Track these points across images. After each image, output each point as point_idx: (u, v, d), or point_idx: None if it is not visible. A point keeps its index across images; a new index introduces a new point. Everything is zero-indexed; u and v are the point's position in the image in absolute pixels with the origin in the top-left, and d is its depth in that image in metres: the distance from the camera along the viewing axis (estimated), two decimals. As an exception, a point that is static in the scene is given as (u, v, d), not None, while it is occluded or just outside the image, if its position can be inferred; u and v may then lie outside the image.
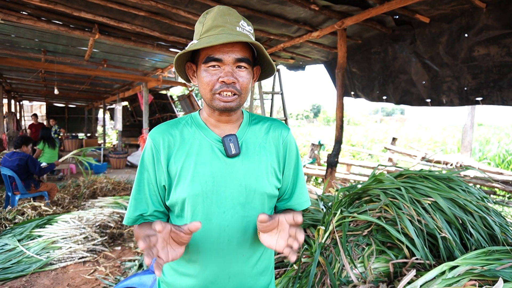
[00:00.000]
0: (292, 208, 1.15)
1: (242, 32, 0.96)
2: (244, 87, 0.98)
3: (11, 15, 4.14)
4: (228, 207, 1.01)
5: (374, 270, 1.45)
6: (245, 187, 1.01)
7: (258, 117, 1.15)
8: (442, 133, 17.58)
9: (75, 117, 18.78)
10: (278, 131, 1.11)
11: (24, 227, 4.03)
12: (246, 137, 1.07)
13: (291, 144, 1.12)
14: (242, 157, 1.03)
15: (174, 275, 1.09)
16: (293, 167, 1.13)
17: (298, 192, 1.14)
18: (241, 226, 1.02)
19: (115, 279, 3.22)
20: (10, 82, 10.55)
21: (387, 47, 4.29)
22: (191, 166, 1.01)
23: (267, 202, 1.06)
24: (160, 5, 3.64)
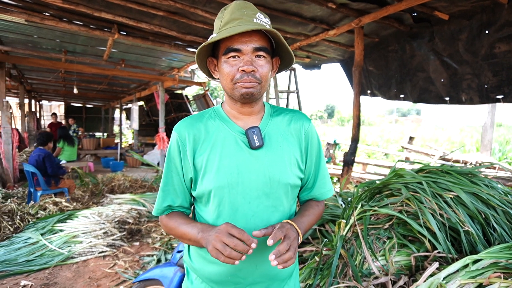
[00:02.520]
0: (315, 197, 1.19)
1: (259, 23, 0.98)
2: (264, 75, 1.00)
3: (34, 16, 4.26)
4: (253, 197, 1.04)
5: (396, 263, 1.45)
6: (269, 177, 1.04)
7: (279, 109, 1.17)
8: (459, 134, 17.26)
9: (92, 117, 19.15)
10: (300, 122, 1.13)
11: (46, 221, 4.15)
12: (268, 129, 1.09)
13: (313, 135, 1.15)
14: (265, 148, 1.06)
15: (202, 262, 1.12)
16: (315, 158, 1.16)
17: (320, 182, 1.17)
18: (266, 215, 1.06)
19: (134, 273, 3.29)
20: (31, 82, 10.84)
21: (405, 45, 4.25)
22: (216, 159, 1.04)
23: (290, 192, 1.09)
24: (178, 4, 3.69)
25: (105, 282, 3.12)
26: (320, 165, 1.17)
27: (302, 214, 1.11)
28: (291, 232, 0.93)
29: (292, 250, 0.89)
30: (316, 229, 2.02)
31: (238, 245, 0.87)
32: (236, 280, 1.08)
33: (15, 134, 6.83)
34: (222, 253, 0.87)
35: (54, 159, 5.34)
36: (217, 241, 0.89)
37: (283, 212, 1.09)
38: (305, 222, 1.07)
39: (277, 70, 1.12)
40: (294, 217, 1.08)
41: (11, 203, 4.59)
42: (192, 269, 1.17)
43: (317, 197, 1.18)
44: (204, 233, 0.97)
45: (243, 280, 1.08)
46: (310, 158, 1.15)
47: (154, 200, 5.24)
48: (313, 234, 2.05)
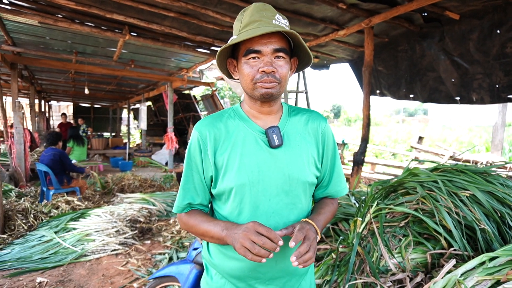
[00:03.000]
0: (330, 195, 1.22)
1: (278, 24, 1.01)
2: (283, 75, 1.03)
3: (47, 17, 4.33)
4: (273, 194, 1.07)
5: (411, 260, 1.47)
6: (288, 176, 1.07)
7: (296, 109, 1.20)
8: (468, 134, 17.12)
9: (100, 117, 19.33)
10: (317, 122, 1.17)
11: (59, 220, 4.22)
12: (287, 128, 1.12)
13: (329, 134, 1.18)
14: (284, 147, 1.08)
15: (222, 258, 1.15)
16: (331, 156, 1.19)
17: (336, 180, 1.20)
18: (286, 213, 1.09)
19: (147, 270, 3.34)
20: (41, 83, 10.99)
21: (415, 44, 4.25)
22: (237, 157, 1.07)
23: (308, 190, 1.13)
24: (189, 5, 3.74)
25: (119, 280, 3.17)
26: (335, 164, 1.20)
27: (318, 212, 1.14)
28: (311, 233, 0.96)
29: (312, 250, 0.92)
30: (330, 227, 2.05)
31: (266, 243, 0.90)
32: (256, 275, 1.11)
33: (27, 134, 6.93)
34: (251, 251, 0.90)
35: (68, 157, 5.42)
36: (245, 239, 0.91)
37: (301, 210, 1.12)
38: (322, 220, 1.10)
39: (295, 70, 1.14)
40: (312, 215, 1.12)
41: (25, 202, 4.67)
42: (211, 264, 1.20)
43: (332, 194, 1.22)
44: (229, 231, 0.99)
45: (263, 275, 1.11)
46: (326, 157, 1.18)
47: (164, 199, 5.31)
48: (326, 232, 2.08)
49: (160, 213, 4.97)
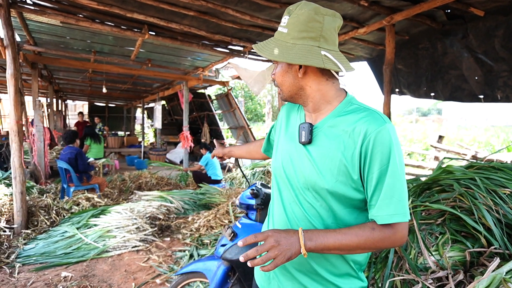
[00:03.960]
0: (375, 219, 0.96)
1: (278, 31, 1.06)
2: (279, 81, 1.10)
3: (70, 17, 4.39)
4: (295, 187, 1.09)
5: (449, 258, 1.46)
6: (305, 175, 1.04)
7: (354, 109, 1.03)
8: (484, 134, 16.80)
9: (114, 116, 19.56)
10: (365, 126, 0.95)
11: (80, 216, 4.28)
12: (325, 127, 1.04)
13: (378, 142, 0.93)
14: (312, 146, 1.05)
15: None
16: (379, 170, 0.94)
17: (383, 202, 0.94)
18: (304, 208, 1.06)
19: (169, 267, 3.37)
20: (58, 82, 11.17)
21: (436, 42, 4.18)
22: (278, 142, 1.21)
23: (334, 199, 1.01)
24: (210, 4, 3.75)
25: (141, 275, 3.21)
26: (386, 181, 0.93)
27: (338, 229, 0.97)
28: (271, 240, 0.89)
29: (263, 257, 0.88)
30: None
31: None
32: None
33: (46, 132, 7.06)
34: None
35: (85, 157, 5.51)
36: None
37: (321, 214, 1.03)
38: (328, 238, 0.93)
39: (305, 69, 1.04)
40: (319, 229, 0.98)
41: (47, 198, 4.77)
42: None
43: (377, 219, 0.95)
44: None
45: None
46: (370, 170, 0.95)
47: (181, 197, 5.34)
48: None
49: (178, 210, 5.01)
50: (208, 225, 4.19)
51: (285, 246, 0.89)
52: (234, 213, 4.25)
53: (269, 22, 4.20)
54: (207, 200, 5.41)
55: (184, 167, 8.35)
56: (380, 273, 1.47)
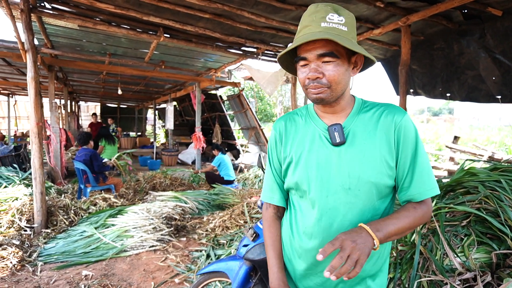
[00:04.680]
0: (413, 198, 1.07)
1: (327, 26, 0.99)
2: (332, 79, 1.02)
3: (87, 21, 4.48)
4: (331, 192, 1.07)
5: (475, 260, 1.46)
6: (348, 174, 1.06)
7: (371, 105, 1.14)
8: (498, 134, 16.55)
9: (126, 117, 19.82)
10: (390, 117, 1.07)
11: (98, 216, 4.36)
12: (353, 126, 1.09)
13: (406, 128, 1.06)
14: (347, 145, 1.07)
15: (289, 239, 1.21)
16: (410, 154, 1.06)
17: (418, 180, 1.05)
18: (343, 211, 1.07)
19: (186, 267, 3.41)
20: (72, 84, 11.35)
21: (452, 42, 4.16)
22: (301, 153, 1.12)
23: (375, 190, 1.06)
24: (226, 7, 3.79)
25: (160, 275, 3.26)
26: (417, 161, 1.05)
27: (389, 216, 1.03)
28: (348, 242, 0.87)
29: (349, 261, 0.84)
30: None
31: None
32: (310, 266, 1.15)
33: (62, 134, 7.20)
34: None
35: (99, 157, 5.60)
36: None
37: (362, 210, 1.07)
38: (389, 225, 0.98)
39: (361, 67, 1.11)
40: (377, 219, 1.02)
41: (65, 199, 4.86)
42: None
43: (415, 197, 1.06)
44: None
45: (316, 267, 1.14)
46: (403, 155, 1.06)
47: (195, 197, 5.40)
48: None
49: (193, 211, 5.06)
50: (223, 226, 4.24)
51: (362, 243, 0.88)
52: (249, 213, 4.28)
53: (284, 24, 4.22)
54: (221, 201, 5.46)
55: (196, 169, 8.42)
56: (406, 274, 1.48)
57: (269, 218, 1.27)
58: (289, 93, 21.15)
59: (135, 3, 3.97)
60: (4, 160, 6.73)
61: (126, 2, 3.95)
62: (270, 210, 1.27)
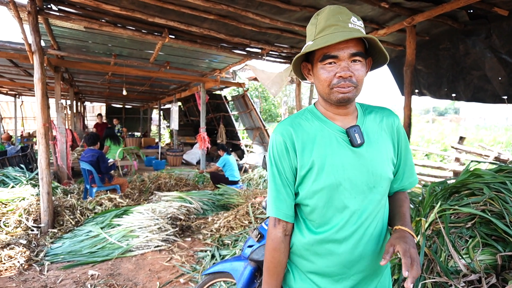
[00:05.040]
0: (403, 187, 1.24)
1: (354, 28, 1.02)
2: (360, 79, 1.04)
3: (93, 23, 4.51)
4: (359, 192, 1.09)
5: (480, 262, 1.46)
6: (372, 173, 1.10)
7: (369, 107, 1.23)
8: (505, 134, 16.41)
9: (131, 117, 19.93)
10: (391, 119, 1.20)
11: (104, 216, 4.40)
12: (366, 126, 1.14)
13: (401, 130, 1.22)
14: (366, 145, 1.10)
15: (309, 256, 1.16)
16: (404, 150, 1.22)
17: (409, 172, 1.23)
18: (370, 209, 1.10)
19: (191, 267, 3.43)
20: (78, 85, 11.44)
21: (458, 42, 4.14)
22: (323, 158, 1.09)
23: (387, 185, 1.15)
24: (231, 8, 3.80)
25: (165, 275, 3.28)
26: (408, 156, 1.23)
27: (402, 212, 1.16)
28: (413, 250, 0.96)
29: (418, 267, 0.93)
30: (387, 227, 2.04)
31: None
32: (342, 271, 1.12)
33: (68, 134, 7.25)
34: None
35: (106, 158, 5.64)
36: None
37: (383, 205, 1.15)
38: (409, 221, 1.13)
39: (369, 69, 1.16)
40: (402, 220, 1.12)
41: (71, 199, 4.90)
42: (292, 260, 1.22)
43: (406, 186, 1.24)
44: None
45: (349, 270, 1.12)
46: (400, 151, 1.21)
47: (200, 198, 5.42)
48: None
49: (197, 211, 5.09)
50: (228, 226, 4.25)
51: (414, 247, 0.99)
52: (254, 214, 4.29)
53: (289, 24, 4.23)
54: (226, 201, 5.47)
55: (201, 169, 8.45)
56: (410, 275, 1.48)
57: (276, 239, 1.16)
58: (293, 93, 21.16)
59: (141, 4, 3.99)
60: (11, 161, 6.80)
61: (131, 3, 3.98)
62: (279, 228, 1.16)
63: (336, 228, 1.09)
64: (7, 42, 5.96)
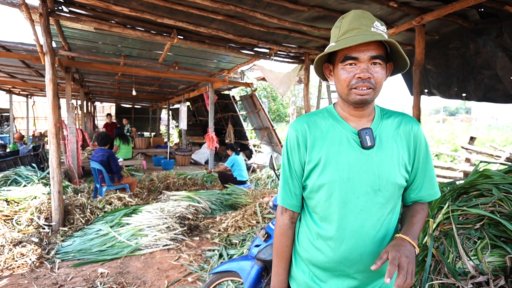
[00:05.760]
0: (422, 199, 1.21)
1: (376, 32, 1.05)
2: (379, 81, 1.07)
3: (103, 24, 4.57)
4: (362, 193, 1.11)
5: (488, 263, 1.45)
6: (378, 176, 1.10)
7: (389, 112, 1.22)
8: (517, 134, 16.13)
9: (140, 117, 20.12)
10: (409, 125, 1.18)
11: (113, 215, 4.45)
12: (379, 130, 1.15)
13: (421, 137, 1.19)
14: (376, 148, 1.12)
15: (310, 249, 1.20)
16: (423, 159, 1.18)
17: (429, 183, 1.20)
18: (373, 211, 1.12)
19: (199, 266, 3.45)
20: (88, 85, 11.58)
21: (468, 41, 4.09)
22: (331, 155, 1.13)
23: (397, 191, 1.14)
24: (238, 8, 3.81)
25: (173, 274, 3.31)
26: (428, 167, 1.20)
27: (411, 222, 1.15)
28: (403, 259, 0.95)
29: (409, 277, 0.93)
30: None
31: None
32: (341, 268, 1.15)
33: (79, 134, 7.35)
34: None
35: (116, 158, 5.71)
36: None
37: (388, 209, 1.14)
38: (416, 232, 1.11)
39: (389, 74, 1.17)
40: (405, 228, 1.12)
41: (82, 198, 4.97)
42: (297, 252, 1.27)
43: (424, 198, 1.21)
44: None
45: (348, 268, 1.14)
46: (418, 160, 1.18)
47: (208, 197, 5.45)
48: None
49: (206, 210, 5.11)
50: (236, 225, 4.27)
51: (411, 257, 0.99)
52: (261, 214, 4.30)
53: (297, 24, 4.23)
54: (234, 201, 5.49)
55: (209, 169, 8.49)
56: (417, 276, 1.48)
57: (283, 225, 1.26)
58: (302, 93, 21.10)
59: (150, 5, 4.03)
60: (23, 160, 6.92)
61: (140, 4, 4.02)
62: (286, 216, 1.26)
63: (336, 224, 1.13)
64: (19, 43, 6.07)
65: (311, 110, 7.02)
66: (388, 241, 1.15)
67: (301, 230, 1.26)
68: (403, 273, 0.92)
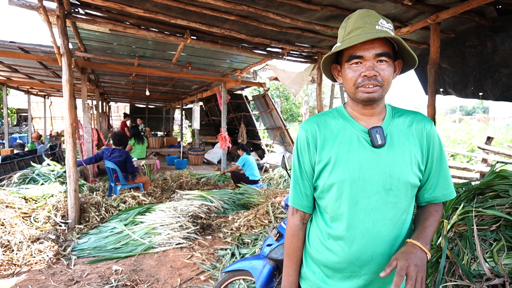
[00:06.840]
0: (436, 199, 1.18)
1: (381, 29, 1.04)
2: (386, 78, 1.06)
3: (118, 25, 4.65)
4: (373, 192, 1.09)
5: (505, 266, 1.42)
6: (389, 175, 1.09)
7: (401, 111, 1.21)
8: (537, 134, 15.71)
9: (154, 117, 20.36)
10: (422, 124, 1.16)
11: (127, 213, 4.51)
12: (390, 129, 1.14)
13: (434, 136, 1.17)
14: (387, 147, 1.11)
15: (321, 249, 1.19)
16: (436, 158, 1.16)
17: (443, 183, 1.17)
18: (385, 210, 1.10)
19: (212, 264, 3.48)
20: (103, 85, 11.78)
21: (485, 39, 4.00)
22: (341, 154, 1.12)
23: (409, 190, 1.12)
24: (251, 8, 3.82)
25: (186, 272, 3.34)
26: (442, 166, 1.18)
27: (423, 225, 1.12)
28: (412, 268, 0.94)
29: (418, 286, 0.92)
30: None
31: None
32: (352, 268, 1.13)
33: (94, 133, 7.48)
34: None
35: (131, 158, 5.79)
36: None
37: (401, 209, 1.12)
38: (428, 236, 1.08)
39: (399, 72, 1.17)
40: (418, 232, 1.09)
41: (97, 196, 5.06)
42: (308, 253, 1.26)
43: (439, 198, 1.18)
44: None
45: (359, 269, 1.13)
46: (431, 159, 1.16)
47: (221, 197, 5.47)
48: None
49: (218, 210, 5.14)
50: (248, 225, 4.28)
51: (421, 263, 0.97)
52: (274, 213, 4.30)
53: (309, 24, 4.22)
54: (246, 200, 5.51)
55: (222, 170, 8.53)
56: (431, 277, 1.46)
57: (294, 226, 1.25)
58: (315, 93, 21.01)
59: (163, 7, 4.08)
60: (41, 159, 7.08)
61: (154, 6, 4.06)
62: (297, 217, 1.25)
63: (347, 224, 1.12)
64: (37, 45, 6.22)
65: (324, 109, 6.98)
66: (401, 242, 1.14)
67: (312, 231, 1.25)
68: (411, 283, 0.91)
